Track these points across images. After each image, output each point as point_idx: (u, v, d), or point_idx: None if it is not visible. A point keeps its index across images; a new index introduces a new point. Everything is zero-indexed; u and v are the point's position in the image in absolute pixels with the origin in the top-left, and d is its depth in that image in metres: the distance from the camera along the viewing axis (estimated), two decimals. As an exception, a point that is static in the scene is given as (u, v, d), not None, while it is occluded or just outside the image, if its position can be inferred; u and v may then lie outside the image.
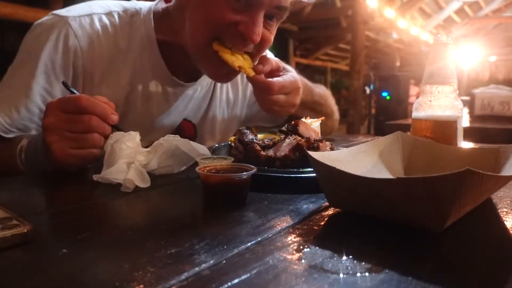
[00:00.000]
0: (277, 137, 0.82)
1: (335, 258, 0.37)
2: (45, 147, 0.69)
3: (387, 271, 0.35)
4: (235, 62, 0.86)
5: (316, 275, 0.34)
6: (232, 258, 0.37)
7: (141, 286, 0.32)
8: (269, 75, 0.93)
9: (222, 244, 0.40)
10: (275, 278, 0.33)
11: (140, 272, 0.34)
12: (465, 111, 2.75)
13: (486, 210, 0.54)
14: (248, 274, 0.34)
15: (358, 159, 0.62)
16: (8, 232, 0.40)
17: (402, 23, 9.16)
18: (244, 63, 0.88)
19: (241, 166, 0.58)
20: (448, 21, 11.08)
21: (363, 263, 0.36)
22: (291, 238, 0.43)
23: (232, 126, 1.22)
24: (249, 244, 0.40)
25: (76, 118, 0.68)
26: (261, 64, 0.90)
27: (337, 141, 1.23)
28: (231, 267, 0.35)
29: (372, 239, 0.43)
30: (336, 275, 0.34)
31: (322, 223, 0.48)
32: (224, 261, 0.37)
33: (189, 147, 0.69)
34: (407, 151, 0.68)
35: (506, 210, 0.53)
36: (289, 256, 0.38)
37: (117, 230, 0.46)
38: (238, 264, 0.36)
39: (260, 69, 0.89)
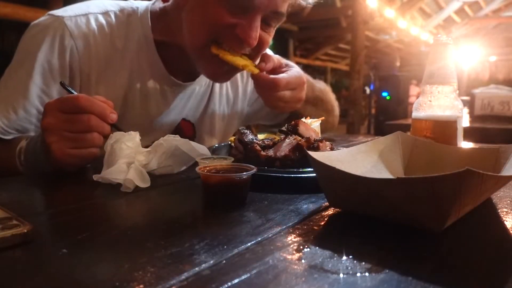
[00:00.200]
0: (277, 137, 0.82)
1: (335, 258, 0.37)
2: (45, 148, 0.69)
3: (387, 271, 0.35)
4: (238, 61, 0.86)
5: (316, 275, 0.34)
6: (232, 258, 0.37)
7: (141, 286, 0.32)
8: (272, 72, 0.93)
9: (222, 244, 0.40)
10: (275, 278, 0.33)
11: (140, 272, 0.34)
12: (465, 111, 2.75)
13: (486, 210, 0.54)
14: (248, 274, 0.34)
15: (358, 159, 0.62)
16: (8, 232, 0.40)
17: (402, 23, 9.17)
18: (247, 62, 0.89)
19: (241, 166, 0.58)
20: (448, 21, 11.08)
21: (363, 263, 0.36)
22: (291, 238, 0.43)
23: (232, 125, 1.22)
24: (249, 244, 0.40)
25: (75, 118, 0.68)
26: (264, 62, 0.91)
27: (337, 141, 1.23)
28: (231, 267, 0.35)
29: (372, 239, 0.43)
30: (336, 275, 0.34)
31: (322, 223, 0.48)
32: (224, 261, 0.37)
33: (189, 147, 0.69)
34: (407, 151, 0.68)
35: (506, 210, 0.53)
36: (289, 256, 0.38)
37: (117, 230, 0.46)
38: (238, 264, 0.36)
39: (263, 67, 0.90)
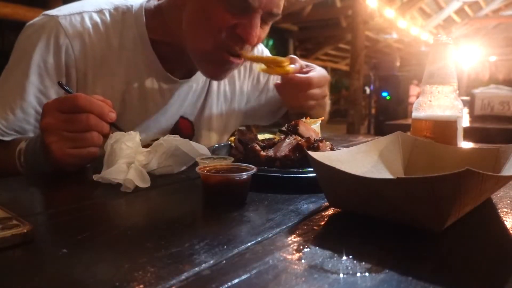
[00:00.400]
0: (277, 137, 0.82)
1: (335, 258, 0.37)
2: (44, 148, 0.69)
3: (387, 271, 0.35)
4: (283, 70, 0.94)
5: (316, 275, 0.34)
6: (232, 258, 0.37)
7: (141, 286, 0.32)
8: (298, 73, 0.99)
9: (222, 244, 0.40)
10: (275, 278, 0.33)
11: (140, 272, 0.34)
12: (465, 111, 2.75)
13: (486, 210, 0.54)
14: (248, 274, 0.34)
15: (358, 159, 0.62)
16: (8, 232, 0.40)
17: (402, 23, 9.17)
18: (285, 68, 0.96)
19: (241, 166, 0.58)
20: (448, 21, 11.09)
21: (363, 263, 0.36)
22: (291, 238, 0.43)
23: (230, 123, 1.22)
24: (249, 244, 0.40)
25: (74, 118, 0.68)
26: (293, 64, 0.97)
27: (337, 141, 1.23)
28: (231, 267, 0.35)
29: (372, 239, 0.43)
30: (336, 275, 0.34)
31: (322, 223, 0.48)
32: (224, 261, 0.37)
33: (189, 147, 0.69)
34: (407, 151, 0.68)
35: (506, 210, 0.53)
36: (289, 256, 0.38)
37: (117, 230, 0.46)
38: (238, 264, 0.36)
39: (295, 69, 0.96)
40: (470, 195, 0.45)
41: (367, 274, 0.34)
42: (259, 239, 0.42)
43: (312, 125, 0.89)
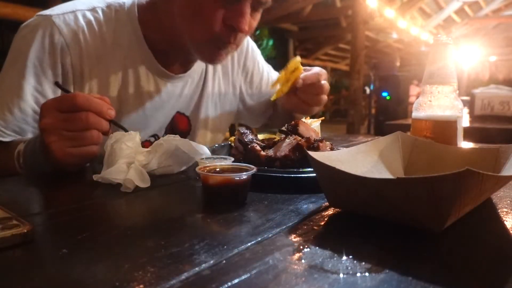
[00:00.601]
0: (277, 137, 0.82)
1: (335, 258, 0.37)
2: (44, 148, 0.69)
3: (387, 271, 0.35)
4: (294, 76, 1.01)
5: (316, 275, 0.34)
6: (232, 258, 0.37)
7: (141, 286, 0.32)
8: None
9: (222, 244, 0.40)
10: (275, 278, 0.33)
11: (140, 272, 0.34)
12: (465, 111, 2.75)
13: (486, 210, 0.54)
14: (248, 274, 0.34)
15: (358, 159, 0.62)
16: (8, 232, 0.40)
17: (402, 23, 9.17)
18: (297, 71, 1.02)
19: (241, 166, 0.58)
20: (448, 21, 11.09)
21: (363, 263, 0.36)
22: (291, 238, 0.43)
23: (225, 118, 1.24)
24: (249, 244, 0.40)
25: (73, 117, 0.68)
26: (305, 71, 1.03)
27: (337, 141, 1.23)
28: (231, 267, 0.35)
29: (372, 239, 0.43)
30: (336, 275, 0.34)
31: (322, 223, 0.48)
32: (224, 261, 0.37)
33: (189, 147, 0.69)
34: (407, 151, 0.68)
35: (506, 210, 0.53)
36: (289, 256, 0.38)
37: (117, 230, 0.46)
38: (238, 264, 0.36)
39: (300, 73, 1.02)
40: (470, 195, 0.45)
41: (367, 274, 0.34)
42: (259, 239, 0.42)
43: (312, 125, 0.89)
